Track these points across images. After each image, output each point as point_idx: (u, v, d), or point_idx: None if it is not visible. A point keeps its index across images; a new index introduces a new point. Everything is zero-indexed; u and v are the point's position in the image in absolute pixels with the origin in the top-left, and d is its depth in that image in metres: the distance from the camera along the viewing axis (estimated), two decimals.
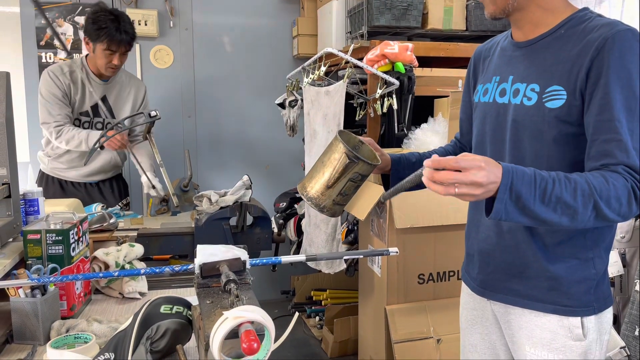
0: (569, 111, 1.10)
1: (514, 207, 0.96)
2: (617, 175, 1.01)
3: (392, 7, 2.55)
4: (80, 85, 2.57)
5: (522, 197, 0.95)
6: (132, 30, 2.51)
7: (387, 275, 2.26)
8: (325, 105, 2.38)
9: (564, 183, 0.98)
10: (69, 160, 2.64)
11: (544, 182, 0.97)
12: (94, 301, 1.53)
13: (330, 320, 2.96)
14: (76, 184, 2.71)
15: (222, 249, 1.03)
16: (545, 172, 1.00)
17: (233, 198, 2.00)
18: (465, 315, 1.43)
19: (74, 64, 2.59)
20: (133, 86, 2.72)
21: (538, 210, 0.97)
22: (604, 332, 1.22)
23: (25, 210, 1.55)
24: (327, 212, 1.22)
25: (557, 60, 1.13)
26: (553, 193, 0.97)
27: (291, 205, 3.07)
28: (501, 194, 0.95)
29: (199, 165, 3.52)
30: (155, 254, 2.00)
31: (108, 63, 2.50)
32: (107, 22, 2.43)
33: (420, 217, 2.19)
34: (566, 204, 0.98)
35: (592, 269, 1.18)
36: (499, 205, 0.95)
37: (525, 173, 0.97)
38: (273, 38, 3.55)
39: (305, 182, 1.24)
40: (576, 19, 1.15)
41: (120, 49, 2.48)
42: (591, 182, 0.99)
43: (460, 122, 1.48)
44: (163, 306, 1.11)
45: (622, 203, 1.00)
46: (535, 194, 0.96)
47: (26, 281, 1.11)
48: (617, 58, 1.05)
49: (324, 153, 1.23)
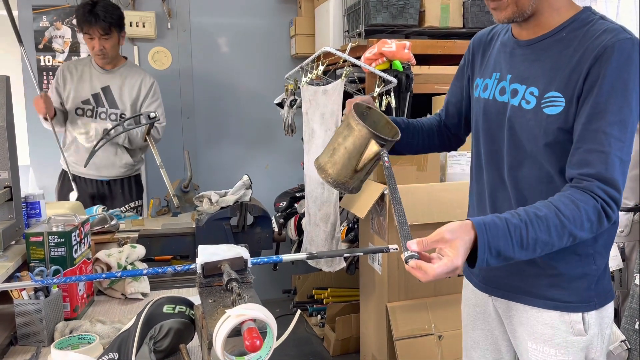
0: (566, 118, 1.10)
1: (496, 260, 0.99)
2: (588, 197, 1.03)
3: (389, 5, 2.55)
4: (79, 74, 2.66)
5: (501, 251, 0.98)
6: (107, 14, 2.52)
7: (388, 273, 2.27)
8: (323, 104, 2.39)
9: (536, 224, 1.00)
10: (77, 151, 2.70)
11: (518, 230, 0.99)
12: (97, 302, 1.54)
13: (332, 319, 2.97)
14: (88, 181, 2.75)
15: (224, 248, 1.03)
16: (515, 215, 1.01)
17: (233, 198, 2.01)
18: (467, 312, 1.44)
19: (85, 58, 2.76)
20: (138, 77, 2.74)
21: (519, 256, 1.01)
22: (605, 327, 1.22)
23: (27, 213, 1.56)
24: (355, 191, 1.23)
25: (556, 65, 1.12)
26: (529, 237, 0.99)
27: (291, 205, 3.08)
28: (481, 254, 0.97)
29: (199, 165, 3.53)
30: (156, 254, 2.00)
31: (92, 50, 2.58)
32: (82, 9, 2.52)
33: (420, 214, 2.20)
34: (543, 242, 1.00)
35: (593, 265, 1.18)
36: (481, 263, 0.98)
37: (497, 227, 0.98)
38: (271, 38, 3.56)
39: (328, 168, 1.20)
40: (578, 21, 1.12)
41: (94, 32, 2.52)
42: (563, 213, 1.01)
43: (447, 104, 1.47)
44: (166, 306, 1.12)
45: (593, 222, 1.03)
46: (513, 244, 0.99)
47: (29, 283, 1.12)
48: (614, 68, 1.03)
49: (342, 137, 1.18)
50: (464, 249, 0.96)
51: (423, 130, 1.44)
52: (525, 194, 1.20)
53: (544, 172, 1.16)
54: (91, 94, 2.67)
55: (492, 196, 1.28)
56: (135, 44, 3.33)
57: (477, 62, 1.35)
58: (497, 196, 1.26)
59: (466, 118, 1.43)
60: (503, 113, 1.21)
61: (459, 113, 1.44)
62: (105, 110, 2.68)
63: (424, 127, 1.45)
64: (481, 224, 0.98)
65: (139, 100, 2.73)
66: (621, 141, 1.04)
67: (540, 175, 1.17)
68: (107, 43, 2.57)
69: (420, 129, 1.43)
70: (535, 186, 1.18)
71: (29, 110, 3.22)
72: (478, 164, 1.33)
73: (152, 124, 2.46)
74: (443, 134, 1.48)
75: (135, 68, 2.81)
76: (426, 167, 2.30)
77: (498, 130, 1.24)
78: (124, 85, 2.70)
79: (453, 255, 0.94)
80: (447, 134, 1.48)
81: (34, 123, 3.21)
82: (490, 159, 1.28)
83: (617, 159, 1.03)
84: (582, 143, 1.06)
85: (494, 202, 1.27)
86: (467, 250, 0.96)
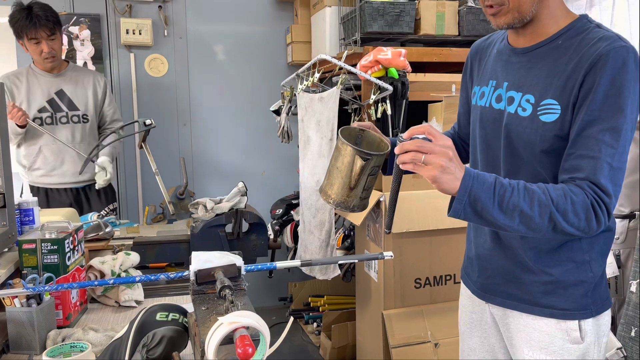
0: (562, 125, 1.10)
1: (471, 210, 1.01)
2: (579, 190, 1.03)
3: (384, 13, 2.57)
4: (25, 85, 2.58)
5: (480, 201, 1.00)
6: (48, 14, 2.46)
7: (384, 280, 2.26)
8: (319, 111, 2.39)
9: (523, 192, 1.02)
10: (45, 162, 2.61)
11: (503, 190, 1.01)
12: (90, 310, 1.53)
13: (328, 326, 2.96)
14: (62, 191, 2.68)
15: (217, 255, 1.03)
16: (507, 180, 1.03)
17: (228, 205, 2.01)
18: (464, 319, 1.44)
19: (23, 69, 2.64)
20: (90, 77, 2.72)
21: (496, 216, 1.02)
22: (602, 334, 1.22)
23: (20, 220, 1.55)
24: (358, 209, 1.26)
25: (552, 73, 1.12)
26: (510, 201, 1.01)
27: (287, 212, 3.07)
28: (460, 195, 1.00)
29: (195, 172, 3.52)
30: (151, 262, 2.00)
31: (41, 54, 2.50)
32: (18, 15, 2.44)
33: (416, 222, 2.20)
34: (522, 212, 1.01)
35: (589, 272, 1.18)
36: (458, 206, 1.01)
37: (485, 180, 1.01)
38: (267, 45, 3.57)
39: (327, 191, 1.25)
40: (575, 29, 1.13)
41: (39, 34, 2.46)
42: (550, 194, 1.02)
43: (458, 115, 1.48)
44: (159, 313, 1.11)
45: (581, 218, 1.03)
46: (494, 200, 1.00)
47: (22, 290, 1.11)
48: (609, 75, 1.04)
49: (334, 158, 1.23)
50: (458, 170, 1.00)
51: None
52: None
53: (541, 179, 1.16)
54: (46, 101, 2.60)
55: None
56: (131, 51, 3.33)
57: (475, 71, 1.36)
58: None
59: None
60: (499, 120, 1.22)
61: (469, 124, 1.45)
62: (66, 114, 2.62)
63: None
64: (471, 170, 1.01)
65: (98, 99, 2.71)
66: (613, 147, 1.04)
67: (537, 182, 1.17)
68: (55, 44, 2.53)
69: None
70: None
71: None
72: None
73: (147, 130, 2.46)
74: (459, 145, 1.48)
75: (82, 68, 2.79)
76: None
77: (495, 138, 1.24)
78: (77, 86, 2.66)
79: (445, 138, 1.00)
80: (462, 145, 1.48)
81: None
82: (487, 166, 1.28)
83: (606, 164, 1.04)
84: (575, 149, 1.07)
85: None
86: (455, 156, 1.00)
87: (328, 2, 2.95)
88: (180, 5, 3.40)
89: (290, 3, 3.55)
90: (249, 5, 3.51)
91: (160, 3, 3.33)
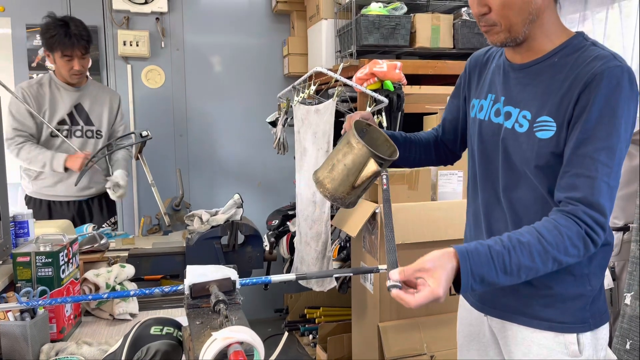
0: (558, 143, 1.11)
1: (480, 286, 1.01)
2: (572, 223, 1.04)
3: (380, 26, 2.59)
4: (49, 96, 2.58)
5: (485, 277, 1.00)
6: (84, 32, 2.48)
7: (380, 292, 2.26)
8: (315, 123, 2.40)
9: (519, 250, 1.01)
10: (53, 173, 2.59)
11: (501, 256, 1.01)
12: (84, 323, 1.52)
13: (324, 339, 2.94)
14: (65, 204, 2.68)
15: (212, 269, 1.03)
16: (499, 242, 1.03)
17: (224, 217, 2.01)
18: (463, 331, 1.44)
19: (43, 78, 2.62)
20: (107, 94, 2.75)
21: (504, 281, 1.02)
22: (600, 348, 1.22)
23: (15, 232, 1.55)
24: (351, 205, 1.26)
25: (548, 90, 1.13)
26: (512, 263, 1.01)
27: (283, 223, 3.07)
28: (465, 280, 0.98)
29: (191, 184, 3.52)
30: (146, 274, 1.99)
31: (70, 70, 2.51)
32: (56, 29, 2.43)
33: (412, 233, 2.20)
34: (527, 267, 1.02)
35: (588, 285, 1.19)
36: (466, 288, 0.99)
37: (480, 253, 1.00)
38: (264, 57, 3.59)
39: (325, 182, 1.23)
40: (570, 46, 1.14)
41: (75, 52, 2.47)
42: (545, 239, 1.02)
43: (443, 121, 1.49)
44: (153, 327, 1.11)
45: (580, 247, 1.04)
46: (496, 270, 1.00)
47: (15, 305, 1.11)
48: (603, 95, 1.05)
49: (342, 154, 1.21)
50: (446, 278, 0.97)
51: (420, 145, 1.47)
52: (520, 214, 1.21)
53: (538, 193, 1.17)
54: (66, 114, 2.60)
55: (488, 215, 1.29)
56: (128, 62, 3.35)
57: (474, 83, 1.37)
58: (492, 215, 1.28)
59: (462, 136, 1.45)
60: (498, 134, 1.23)
61: (455, 130, 1.46)
62: (81, 128, 2.63)
63: (421, 141, 1.47)
64: (464, 251, 1.00)
65: (112, 117, 2.73)
66: (608, 167, 1.05)
67: (535, 197, 1.18)
68: (86, 62, 2.55)
69: (417, 144, 1.46)
70: (530, 207, 1.19)
71: None
72: (474, 183, 1.35)
73: (144, 142, 2.46)
74: (440, 149, 1.50)
75: (101, 85, 2.81)
76: (417, 186, 2.30)
77: (493, 151, 1.25)
78: (95, 102, 2.67)
79: (434, 286, 0.96)
80: (444, 149, 1.50)
81: None
82: (485, 179, 1.29)
83: (604, 184, 1.05)
84: (570, 167, 1.08)
85: (490, 221, 1.28)
86: (449, 279, 0.98)
87: (324, 15, 2.98)
88: (177, 17, 3.42)
89: (286, 15, 3.58)
90: (246, 17, 3.54)
91: (157, 15, 3.35)
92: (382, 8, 2.62)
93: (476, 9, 1.14)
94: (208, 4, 3.48)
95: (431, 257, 0.98)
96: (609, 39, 2.71)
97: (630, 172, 2.10)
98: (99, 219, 2.73)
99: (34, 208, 2.64)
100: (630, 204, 2.13)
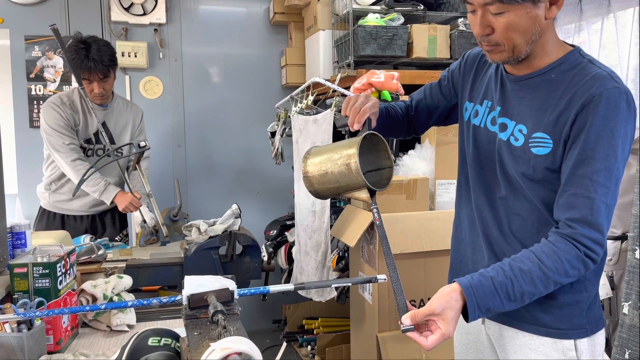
0: (554, 159, 1.13)
1: (487, 314, 1.08)
2: (571, 247, 1.08)
3: (377, 37, 2.61)
4: (82, 113, 2.56)
5: (491, 308, 1.07)
6: (105, 57, 2.42)
7: (379, 302, 2.25)
8: (313, 133, 2.41)
9: (521, 278, 1.07)
10: (71, 189, 2.55)
11: (504, 287, 1.06)
12: (82, 334, 1.51)
13: (323, 349, 2.93)
14: (78, 218, 2.66)
15: (210, 280, 1.02)
16: (500, 272, 1.07)
17: (222, 227, 2.00)
18: (460, 339, 1.44)
19: (72, 94, 2.58)
20: (131, 112, 2.72)
21: (508, 307, 1.08)
22: (597, 354, 1.22)
23: (12, 243, 1.54)
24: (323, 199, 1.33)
25: (544, 106, 1.14)
26: (515, 291, 1.06)
27: (282, 233, 3.06)
28: (472, 313, 1.05)
29: (189, 194, 3.52)
30: (144, 285, 1.98)
31: (91, 92, 2.48)
32: (77, 52, 2.40)
33: (410, 243, 2.19)
34: (530, 293, 1.08)
35: (584, 292, 1.20)
36: (473, 318, 1.05)
37: (484, 287, 1.06)
38: (262, 68, 3.60)
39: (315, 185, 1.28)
40: (567, 62, 1.15)
41: (93, 76, 2.43)
42: (546, 265, 1.07)
43: (418, 101, 1.49)
44: (151, 338, 1.10)
45: (580, 269, 1.09)
46: (501, 300, 1.06)
47: (12, 316, 1.10)
48: (601, 117, 1.07)
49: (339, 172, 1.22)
50: (454, 317, 1.04)
51: (397, 122, 1.49)
52: (516, 222, 1.22)
53: (533, 204, 1.19)
54: (92, 133, 2.58)
55: (483, 221, 1.30)
56: (127, 73, 3.36)
57: (468, 84, 1.36)
58: (487, 221, 1.28)
59: (434, 122, 1.49)
60: (494, 143, 1.24)
61: (428, 115, 1.48)
62: (103, 147, 2.60)
63: (398, 118, 1.49)
64: (468, 286, 1.05)
65: (134, 134, 2.72)
66: (606, 187, 1.08)
67: (530, 207, 1.20)
68: (107, 85, 2.51)
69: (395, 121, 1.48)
70: (525, 217, 1.21)
71: (18, 139, 3.21)
72: (466, 186, 1.35)
73: (141, 152, 2.46)
74: (405, 120, 1.51)
75: (126, 101, 2.78)
76: (415, 195, 2.31)
77: (489, 159, 1.26)
78: (119, 121, 2.66)
79: (445, 329, 1.02)
80: (409, 126, 1.52)
81: (23, 152, 3.21)
82: (479, 184, 1.30)
83: (602, 204, 1.08)
84: (569, 187, 1.10)
85: (485, 226, 1.29)
86: (457, 316, 1.05)
87: (322, 26, 3.00)
88: (175, 28, 3.44)
89: (284, 26, 3.60)
90: (244, 28, 3.56)
91: (156, 26, 3.37)
92: (379, 19, 2.64)
93: (479, 30, 1.13)
94: (206, 15, 3.50)
95: (438, 299, 1.04)
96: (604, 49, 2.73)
97: (627, 181, 2.10)
98: (112, 232, 2.72)
99: (47, 220, 2.65)
100: (628, 213, 2.13)
